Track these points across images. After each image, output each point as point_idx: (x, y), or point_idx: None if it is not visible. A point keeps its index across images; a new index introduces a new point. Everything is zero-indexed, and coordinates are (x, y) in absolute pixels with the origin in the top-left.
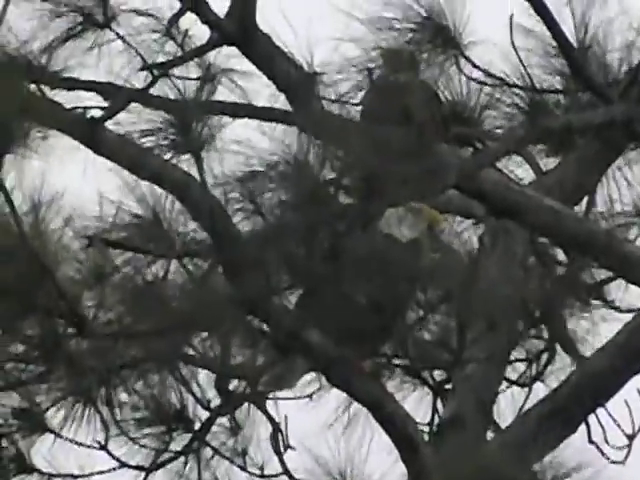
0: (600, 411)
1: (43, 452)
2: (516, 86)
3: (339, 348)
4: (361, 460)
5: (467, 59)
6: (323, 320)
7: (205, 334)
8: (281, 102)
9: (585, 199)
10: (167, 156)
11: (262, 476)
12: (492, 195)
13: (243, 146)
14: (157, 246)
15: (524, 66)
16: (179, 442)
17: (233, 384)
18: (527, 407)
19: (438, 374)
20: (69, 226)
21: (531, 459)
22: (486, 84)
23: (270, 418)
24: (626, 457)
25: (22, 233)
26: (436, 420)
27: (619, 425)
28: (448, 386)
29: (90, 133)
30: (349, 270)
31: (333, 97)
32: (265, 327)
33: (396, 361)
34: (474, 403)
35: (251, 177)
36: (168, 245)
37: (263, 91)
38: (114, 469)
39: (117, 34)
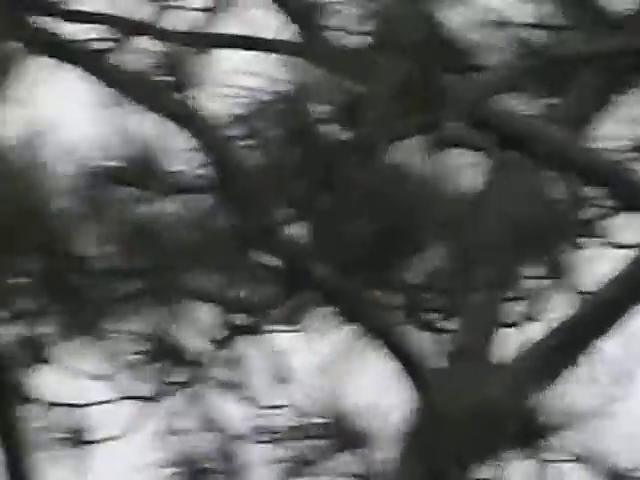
0: None
1: (44, 383)
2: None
3: (345, 279)
4: (363, 391)
5: None
6: (327, 252)
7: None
8: (289, 33)
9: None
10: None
11: (263, 407)
12: (498, 125)
13: (237, 83)
14: (155, 182)
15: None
16: (180, 375)
17: (235, 317)
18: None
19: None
20: (66, 161)
21: (534, 392)
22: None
23: (272, 351)
24: None
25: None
26: (436, 356)
27: None
28: (447, 323)
29: (97, 65)
30: (350, 203)
31: (341, 27)
32: (271, 261)
33: (395, 298)
34: (479, 335)
35: (249, 113)
36: (167, 181)
37: (271, 22)
38: (114, 400)
39: None
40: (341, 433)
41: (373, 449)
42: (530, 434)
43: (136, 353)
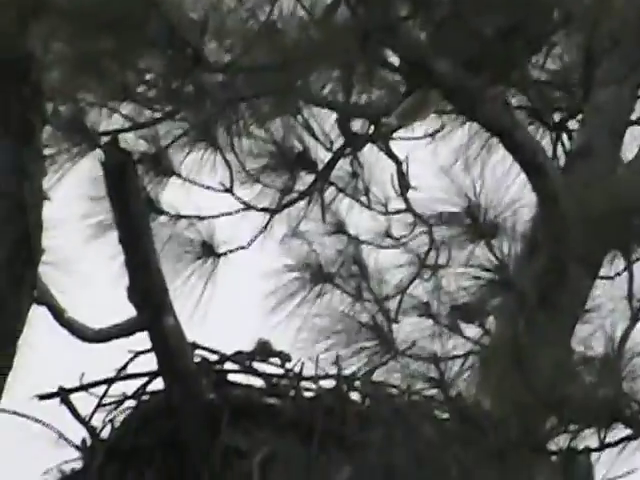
0: None
1: (171, 195)
2: None
3: (468, 76)
4: (489, 186)
5: None
6: (450, 49)
7: (328, 73)
8: None
9: None
10: None
11: (385, 213)
12: None
13: None
14: None
15: None
16: (302, 184)
17: (357, 124)
18: None
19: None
20: None
21: None
22: None
23: (393, 157)
24: None
25: None
26: (560, 154)
27: None
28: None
29: None
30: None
31: None
32: (392, 58)
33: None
34: (605, 133)
35: None
36: None
37: None
38: (239, 211)
39: None
40: (470, 223)
41: (501, 241)
42: None
43: (259, 164)
